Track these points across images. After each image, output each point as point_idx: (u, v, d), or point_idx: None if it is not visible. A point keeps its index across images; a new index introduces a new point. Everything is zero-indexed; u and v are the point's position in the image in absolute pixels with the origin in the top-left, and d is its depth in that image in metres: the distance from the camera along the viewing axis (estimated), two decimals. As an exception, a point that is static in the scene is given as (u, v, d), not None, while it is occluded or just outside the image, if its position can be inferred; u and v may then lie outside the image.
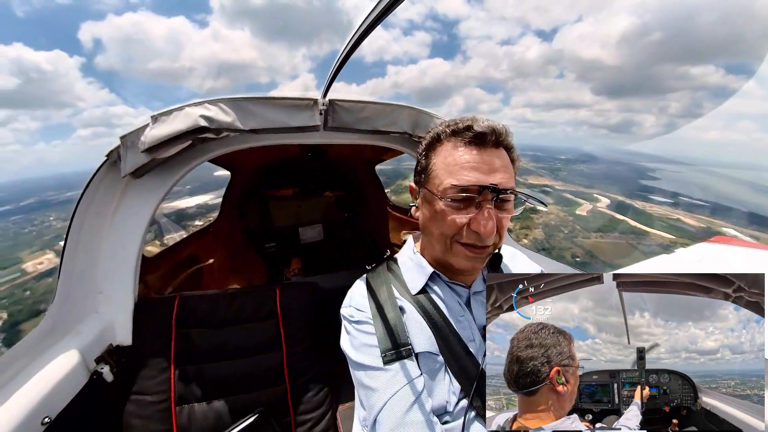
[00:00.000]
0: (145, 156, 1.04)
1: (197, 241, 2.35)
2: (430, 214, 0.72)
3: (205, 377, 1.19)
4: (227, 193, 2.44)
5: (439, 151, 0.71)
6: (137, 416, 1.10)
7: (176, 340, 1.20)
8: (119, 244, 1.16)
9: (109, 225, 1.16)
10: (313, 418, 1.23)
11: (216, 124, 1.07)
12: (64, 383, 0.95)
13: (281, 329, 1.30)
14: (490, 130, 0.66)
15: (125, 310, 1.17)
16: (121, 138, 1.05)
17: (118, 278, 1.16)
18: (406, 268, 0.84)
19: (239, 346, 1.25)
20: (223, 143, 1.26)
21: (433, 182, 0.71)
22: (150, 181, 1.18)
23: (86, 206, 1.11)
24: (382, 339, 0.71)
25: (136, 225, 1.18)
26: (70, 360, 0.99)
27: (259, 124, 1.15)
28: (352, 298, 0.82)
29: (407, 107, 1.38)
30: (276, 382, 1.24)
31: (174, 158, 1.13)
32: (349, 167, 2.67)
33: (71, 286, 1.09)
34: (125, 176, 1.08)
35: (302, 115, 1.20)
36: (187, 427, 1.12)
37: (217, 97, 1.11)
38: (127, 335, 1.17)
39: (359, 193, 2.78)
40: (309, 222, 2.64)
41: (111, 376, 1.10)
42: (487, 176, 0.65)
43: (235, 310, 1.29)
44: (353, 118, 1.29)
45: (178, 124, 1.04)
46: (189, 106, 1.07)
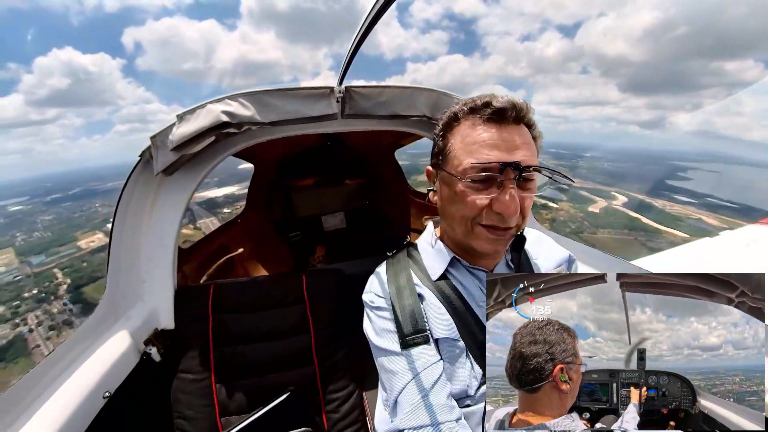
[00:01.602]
0: (174, 154, 1.10)
1: (226, 233, 2.47)
2: (450, 196, 0.70)
3: (240, 358, 1.28)
4: (252, 185, 2.52)
5: (457, 130, 0.69)
6: (182, 392, 1.21)
7: (213, 323, 1.29)
8: (158, 238, 1.25)
9: (147, 221, 1.24)
10: (341, 398, 1.30)
11: (237, 118, 1.10)
12: (120, 363, 1.06)
13: (308, 313, 1.36)
14: (510, 106, 0.63)
15: (167, 298, 1.27)
16: (152, 138, 1.11)
17: (159, 269, 1.26)
18: (426, 254, 0.84)
19: (270, 330, 1.33)
20: (246, 137, 1.29)
21: (451, 163, 0.69)
22: (180, 178, 1.25)
23: (126, 205, 1.20)
24: (400, 324, 0.73)
25: (172, 219, 1.26)
26: (123, 342, 1.10)
27: (279, 115, 1.17)
28: (372, 284, 0.84)
29: (426, 89, 1.34)
30: (305, 363, 1.31)
31: (201, 154, 1.18)
32: (369, 154, 2.66)
33: (119, 278, 1.20)
34: (158, 174, 1.14)
35: (320, 104, 1.20)
36: (227, 403, 1.23)
37: (237, 92, 1.13)
38: (170, 320, 1.27)
39: (379, 179, 2.77)
40: (331, 210, 2.68)
41: (158, 356, 1.21)
42: (509, 154, 0.63)
43: (265, 295, 1.36)
44: (370, 103, 1.27)
45: (201, 121, 1.08)
46: (211, 103, 1.10)
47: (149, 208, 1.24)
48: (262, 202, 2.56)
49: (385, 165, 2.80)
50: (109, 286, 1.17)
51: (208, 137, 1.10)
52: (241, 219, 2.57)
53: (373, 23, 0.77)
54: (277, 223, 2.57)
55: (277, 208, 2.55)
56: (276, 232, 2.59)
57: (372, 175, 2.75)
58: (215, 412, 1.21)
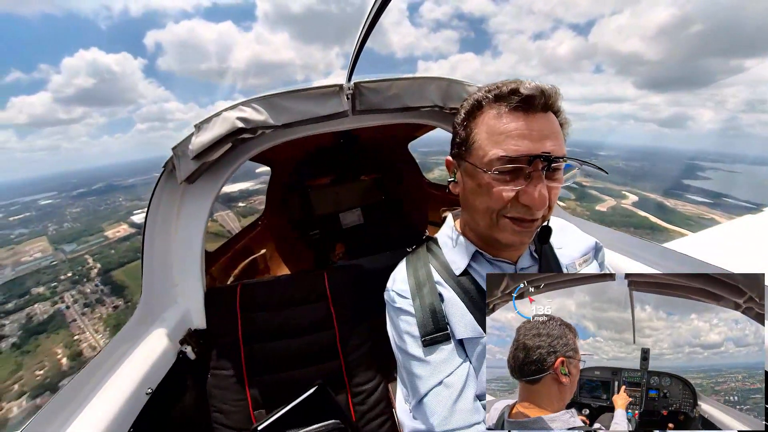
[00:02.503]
0: (195, 162, 1.13)
1: (249, 235, 2.56)
2: (474, 188, 0.68)
3: (269, 354, 1.34)
4: (270, 187, 2.58)
5: (482, 119, 0.66)
6: (217, 387, 1.28)
7: (242, 322, 1.35)
8: (185, 243, 1.31)
9: (174, 228, 1.30)
10: (367, 390, 1.34)
11: (251, 123, 1.13)
12: (159, 361, 1.14)
13: (332, 309, 1.39)
14: (538, 92, 0.60)
15: (197, 300, 1.34)
16: (173, 149, 1.14)
17: (189, 272, 1.32)
18: (447, 248, 0.82)
19: (296, 326, 1.37)
20: (261, 141, 1.31)
21: (476, 154, 0.66)
22: (202, 185, 1.29)
23: (154, 214, 1.26)
24: (421, 324, 0.73)
25: (197, 225, 1.31)
26: (161, 343, 1.17)
27: (291, 117, 1.18)
28: (394, 282, 0.83)
29: (436, 78, 1.30)
30: (331, 358, 1.35)
31: (220, 161, 1.21)
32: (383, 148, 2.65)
33: (153, 282, 1.27)
34: (181, 183, 1.18)
35: (330, 102, 1.20)
36: (258, 397, 1.29)
37: (250, 98, 1.14)
38: (202, 320, 1.34)
39: (394, 173, 2.76)
40: (348, 207, 2.71)
41: (193, 354, 1.28)
42: (538, 144, 0.60)
43: (290, 293, 1.40)
44: (380, 98, 1.26)
45: (218, 129, 1.10)
46: (225, 111, 1.12)
47: (176, 216, 1.30)
48: (281, 203, 2.61)
49: (399, 158, 2.78)
50: (145, 291, 1.24)
51: (226, 144, 1.13)
52: (261, 221, 2.63)
53: (376, 18, 0.75)
54: (296, 223, 2.62)
55: (295, 208, 2.60)
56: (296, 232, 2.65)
57: (387, 169, 2.75)
58: (248, 405, 1.28)
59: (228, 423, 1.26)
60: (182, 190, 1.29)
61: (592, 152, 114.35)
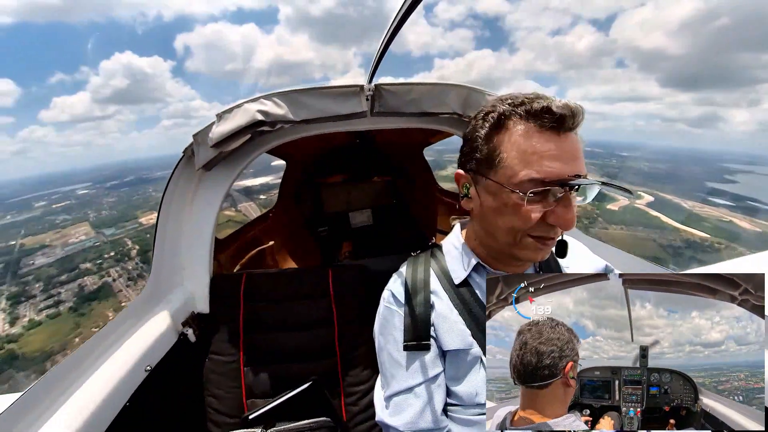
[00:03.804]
0: (214, 150, 1.17)
1: (259, 226, 2.59)
2: (497, 206, 0.66)
3: (267, 345, 1.35)
4: (283, 181, 2.62)
5: (508, 135, 0.63)
6: (214, 372, 1.30)
7: (244, 311, 1.37)
8: (197, 228, 1.34)
9: (188, 212, 1.34)
10: (360, 391, 1.33)
11: (271, 117, 1.15)
12: (160, 340, 1.16)
13: (333, 307, 1.40)
14: (569, 113, 0.59)
15: (203, 284, 1.36)
16: (194, 136, 1.18)
17: (197, 257, 1.35)
18: (451, 256, 0.82)
19: (297, 320, 1.38)
20: (279, 135, 1.34)
21: (502, 172, 0.63)
22: (218, 173, 1.33)
23: (170, 197, 1.30)
24: (406, 329, 0.75)
25: (209, 211, 1.34)
26: (164, 322, 1.20)
27: (310, 114, 1.20)
28: (392, 283, 0.85)
29: (456, 85, 1.30)
30: (328, 355, 1.35)
31: (237, 151, 1.24)
32: (397, 152, 2.66)
33: (162, 263, 1.30)
34: (198, 169, 1.22)
35: (350, 102, 1.22)
36: (253, 386, 1.30)
37: (272, 91, 1.18)
38: (206, 305, 1.36)
39: (408, 177, 2.76)
40: (359, 207, 2.72)
41: (194, 337, 1.31)
42: (569, 166, 0.60)
43: (294, 287, 1.41)
44: (400, 101, 1.26)
45: (238, 119, 1.13)
46: (247, 103, 1.16)
47: (190, 201, 1.34)
48: (292, 198, 2.65)
49: (413, 163, 2.78)
50: (154, 270, 1.28)
51: (245, 135, 1.16)
52: (273, 213, 2.68)
53: (401, 22, 0.76)
54: (306, 219, 2.66)
55: (306, 203, 2.64)
56: (305, 227, 2.68)
57: (400, 172, 2.75)
58: (242, 393, 1.29)
59: (221, 408, 1.27)
60: (199, 177, 1.33)
61: (614, 153, 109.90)
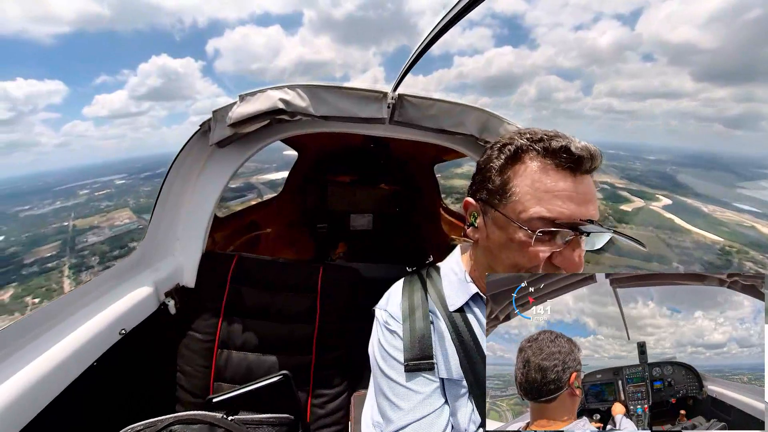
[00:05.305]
0: (230, 129, 1.18)
1: (260, 211, 2.60)
2: (503, 241, 0.64)
3: (245, 331, 1.33)
4: (292, 171, 2.64)
5: (522, 169, 0.62)
6: (187, 348, 1.29)
7: (229, 292, 1.35)
8: (198, 202, 1.35)
9: (193, 185, 1.34)
10: (330, 395, 1.31)
11: (292, 107, 1.16)
12: (140, 306, 1.16)
13: (318, 305, 1.38)
14: (588, 155, 0.58)
15: (194, 258, 1.36)
16: (213, 112, 1.20)
17: (193, 230, 1.35)
18: (448, 281, 0.80)
19: (279, 311, 1.36)
20: (296, 125, 1.35)
21: (512, 207, 0.62)
22: (230, 152, 1.34)
23: (178, 167, 1.30)
24: (407, 348, 0.71)
25: (214, 188, 1.35)
26: (147, 289, 1.20)
27: (330, 111, 1.21)
28: (389, 302, 0.82)
29: (477, 109, 1.32)
30: (303, 352, 1.33)
31: (252, 134, 1.26)
32: (409, 163, 2.68)
33: (158, 230, 1.30)
34: (212, 145, 1.23)
35: (371, 106, 1.22)
36: (223, 370, 1.28)
37: (296, 83, 1.19)
38: (192, 279, 1.35)
39: (415, 190, 2.77)
40: (361, 210, 2.72)
41: (174, 309, 1.29)
42: (583, 208, 0.59)
43: (282, 278, 1.40)
44: (420, 114, 1.27)
45: (260, 104, 1.15)
46: (271, 89, 1.17)
47: (197, 174, 1.34)
48: (298, 189, 2.66)
49: (423, 177, 2.80)
50: (148, 236, 1.28)
51: (263, 120, 1.17)
52: (276, 201, 2.69)
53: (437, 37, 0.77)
54: (307, 212, 2.66)
55: (311, 197, 2.64)
56: (305, 221, 2.68)
57: (408, 184, 2.76)
58: (211, 374, 1.27)
59: (186, 386, 1.26)
60: (210, 152, 1.34)
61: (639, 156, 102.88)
